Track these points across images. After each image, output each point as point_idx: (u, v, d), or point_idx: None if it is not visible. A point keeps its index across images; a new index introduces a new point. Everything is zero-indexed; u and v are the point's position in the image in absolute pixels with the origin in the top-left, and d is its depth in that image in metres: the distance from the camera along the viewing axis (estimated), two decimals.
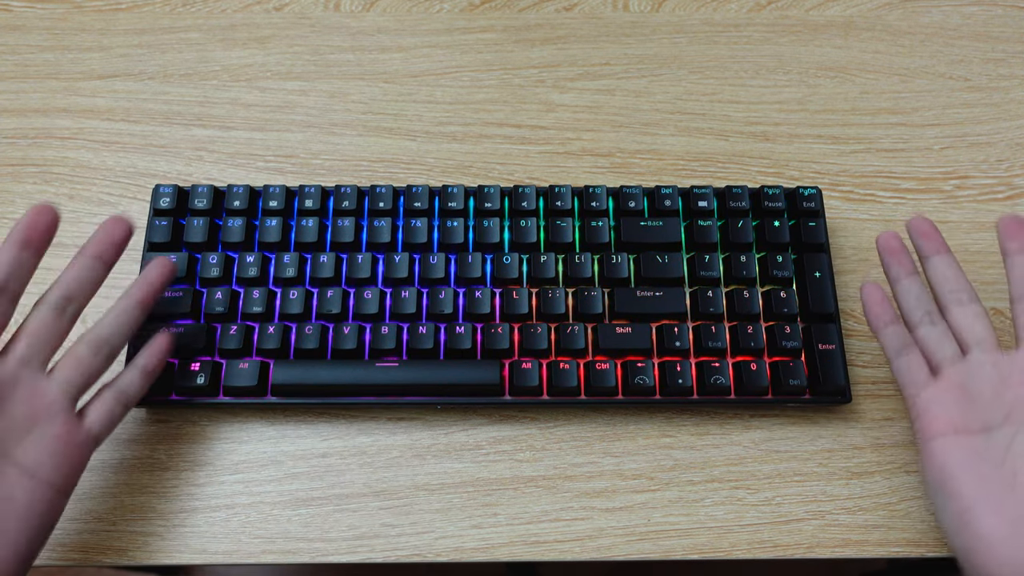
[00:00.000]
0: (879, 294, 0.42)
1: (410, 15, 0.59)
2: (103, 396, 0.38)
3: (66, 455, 0.36)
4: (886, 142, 0.54)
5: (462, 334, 0.44)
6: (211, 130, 0.54)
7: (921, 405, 0.38)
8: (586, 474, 0.44)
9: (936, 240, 0.42)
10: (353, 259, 0.46)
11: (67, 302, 0.37)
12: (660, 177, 0.53)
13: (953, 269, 0.41)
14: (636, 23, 0.59)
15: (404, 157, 0.53)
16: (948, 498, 0.36)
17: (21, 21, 0.57)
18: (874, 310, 0.41)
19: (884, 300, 0.41)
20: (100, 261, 0.39)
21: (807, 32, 0.58)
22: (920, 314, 0.41)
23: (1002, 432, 0.36)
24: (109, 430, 0.38)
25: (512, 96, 0.56)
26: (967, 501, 0.35)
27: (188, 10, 0.58)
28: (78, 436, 0.36)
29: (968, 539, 0.35)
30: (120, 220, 0.40)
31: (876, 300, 0.42)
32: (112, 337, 0.38)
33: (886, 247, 0.42)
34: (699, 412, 0.46)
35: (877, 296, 0.42)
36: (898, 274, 0.42)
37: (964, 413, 0.37)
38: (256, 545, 0.42)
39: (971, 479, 0.35)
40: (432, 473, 0.44)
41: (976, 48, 0.58)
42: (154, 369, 0.41)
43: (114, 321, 0.39)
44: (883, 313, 0.41)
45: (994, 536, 0.34)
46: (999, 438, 0.36)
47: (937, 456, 0.37)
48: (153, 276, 0.41)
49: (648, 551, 0.42)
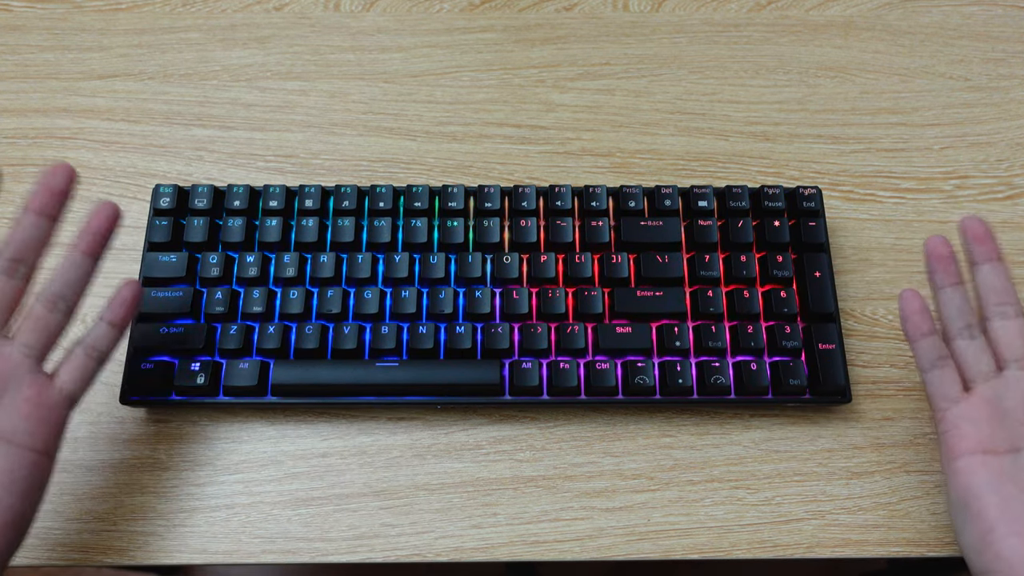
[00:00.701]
0: (919, 303, 0.40)
1: (410, 15, 0.59)
2: (73, 353, 0.37)
3: (40, 417, 0.35)
4: (886, 142, 0.54)
5: (462, 334, 0.44)
6: (211, 130, 0.54)
7: (950, 421, 0.38)
8: (586, 474, 0.44)
9: (989, 246, 0.40)
10: (353, 259, 0.46)
11: (16, 264, 0.36)
12: (660, 177, 0.53)
13: (1003, 279, 0.39)
14: (636, 23, 0.59)
15: (404, 157, 0.53)
16: (971, 518, 0.36)
17: (21, 21, 0.57)
18: (913, 319, 0.39)
19: (924, 309, 0.39)
20: (45, 217, 0.37)
21: (807, 32, 0.58)
22: (960, 326, 0.39)
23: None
24: (83, 387, 0.37)
25: (512, 96, 0.56)
26: (990, 522, 0.35)
27: (188, 10, 0.58)
28: (50, 396, 0.36)
29: (990, 560, 0.35)
30: (58, 169, 0.37)
31: (915, 309, 0.39)
32: (65, 291, 0.37)
33: (934, 253, 0.40)
34: (699, 412, 0.46)
35: (916, 305, 0.40)
36: (943, 282, 0.40)
37: (993, 432, 0.36)
38: (256, 545, 0.42)
39: (995, 500, 0.35)
40: (432, 473, 0.44)
41: (976, 48, 0.58)
42: (123, 320, 0.39)
43: (64, 275, 0.37)
44: (922, 323, 0.39)
45: (1015, 558, 0.34)
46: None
47: (962, 476, 0.36)
48: (97, 223, 0.38)
49: (648, 551, 0.42)
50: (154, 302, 0.45)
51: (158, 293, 0.45)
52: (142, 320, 0.45)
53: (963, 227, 0.40)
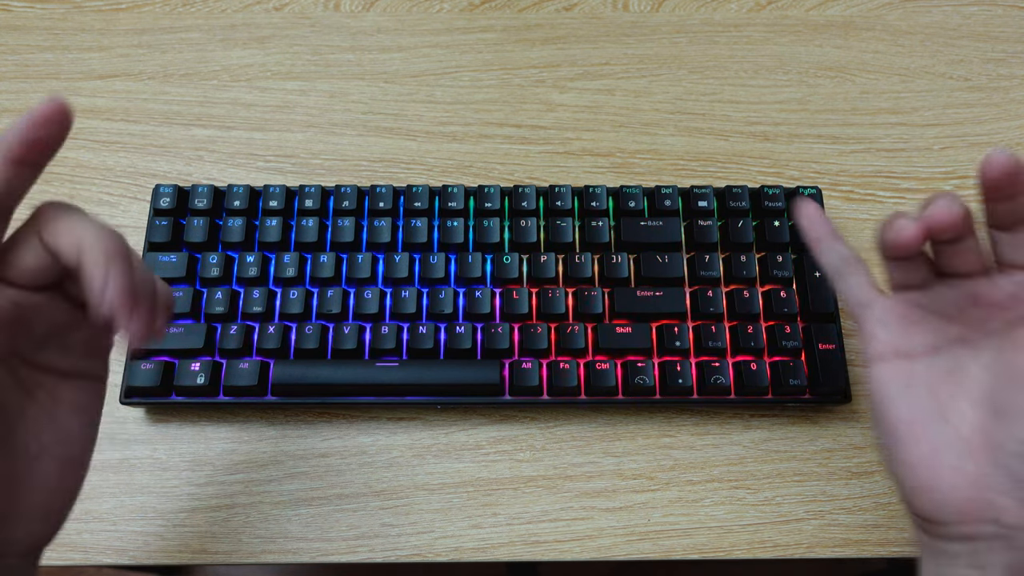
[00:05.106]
0: (812, 208, 0.36)
1: (410, 15, 0.59)
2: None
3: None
4: (886, 142, 0.54)
5: (462, 334, 0.44)
6: (211, 130, 0.54)
7: (867, 329, 0.34)
8: (586, 474, 0.44)
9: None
10: (353, 259, 0.46)
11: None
12: (660, 177, 0.53)
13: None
14: (636, 23, 0.59)
15: (404, 157, 0.53)
16: (882, 429, 0.33)
17: (21, 21, 0.57)
18: (812, 227, 0.36)
19: (821, 216, 0.36)
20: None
21: (807, 32, 0.58)
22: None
23: (950, 354, 0.32)
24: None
25: (512, 96, 0.56)
26: (897, 430, 0.32)
27: (188, 10, 0.58)
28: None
29: (896, 467, 0.32)
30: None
31: (810, 215, 0.36)
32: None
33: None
34: (699, 412, 0.46)
35: (811, 210, 0.36)
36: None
37: (908, 333, 0.33)
38: (256, 545, 0.42)
39: (904, 406, 0.32)
40: (432, 473, 0.44)
41: (976, 48, 0.58)
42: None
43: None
44: (821, 227, 0.36)
45: (919, 465, 0.31)
46: (943, 361, 0.32)
47: (872, 384, 0.33)
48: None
49: (648, 551, 0.42)
50: None
51: None
52: None
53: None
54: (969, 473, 0.30)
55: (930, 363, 0.32)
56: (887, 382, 0.33)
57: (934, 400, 0.32)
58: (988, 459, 0.30)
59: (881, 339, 0.33)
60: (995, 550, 0.29)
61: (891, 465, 0.33)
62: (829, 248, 0.36)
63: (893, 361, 0.33)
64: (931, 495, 0.31)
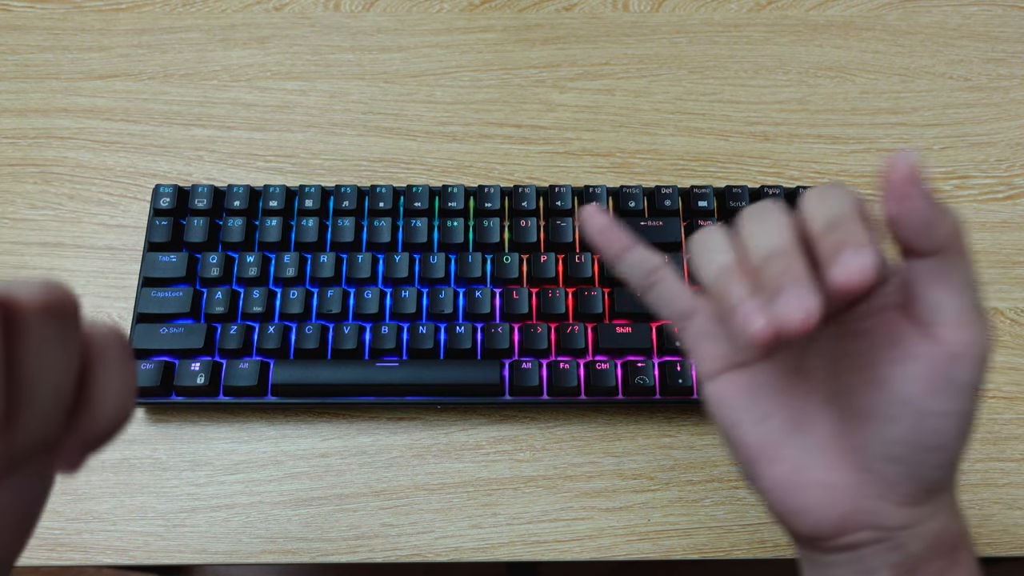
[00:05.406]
0: (600, 219, 0.31)
1: (410, 15, 0.59)
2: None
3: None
4: (886, 142, 0.54)
5: (462, 334, 0.44)
6: (211, 130, 0.54)
7: (690, 342, 0.30)
8: (586, 474, 0.44)
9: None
10: (353, 259, 0.46)
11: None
12: (660, 177, 0.53)
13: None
14: (636, 23, 0.59)
15: (404, 157, 0.53)
16: (735, 454, 0.30)
17: (21, 21, 0.57)
18: (603, 240, 0.31)
19: (610, 225, 0.31)
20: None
21: (807, 32, 0.58)
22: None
23: (788, 350, 0.29)
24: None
25: (512, 96, 0.56)
26: (751, 453, 0.29)
27: (188, 10, 0.58)
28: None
29: (759, 492, 0.29)
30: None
31: (599, 228, 0.31)
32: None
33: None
34: (699, 412, 0.46)
35: (599, 223, 0.31)
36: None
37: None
38: (256, 545, 0.42)
39: (752, 424, 0.29)
40: (432, 473, 0.44)
41: (976, 48, 0.58)
42: None
43: None
44: (616, 240, 0.31)
45: (783, 488, 0.28)
46: (783, 362, 0.29)
47: (712, 404, 0.30)
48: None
49: (648, 551, 0.42)
50: (154, 302, 0.45)
51: (158, 293, 0.45)
52: (142, 320, 0.45)
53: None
54: (839, 485, 0.28)
55: (769, 367, 0.29)
56: (727, 400, 0.29)
57: (783, 409, 0.29)
58: (855, 465, 0.28)
59: (709, 353, 0.30)
60: (879, 552, 0.28)
61: (754, 489, 0.30)
62: (630, 262, 0.31)
63: (729, 375, 0.29)
64: (804, 517, 0.28)
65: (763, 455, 0.29)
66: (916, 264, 0.25)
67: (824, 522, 0.28)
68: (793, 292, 0.24)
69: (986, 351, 0.26)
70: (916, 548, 0.28)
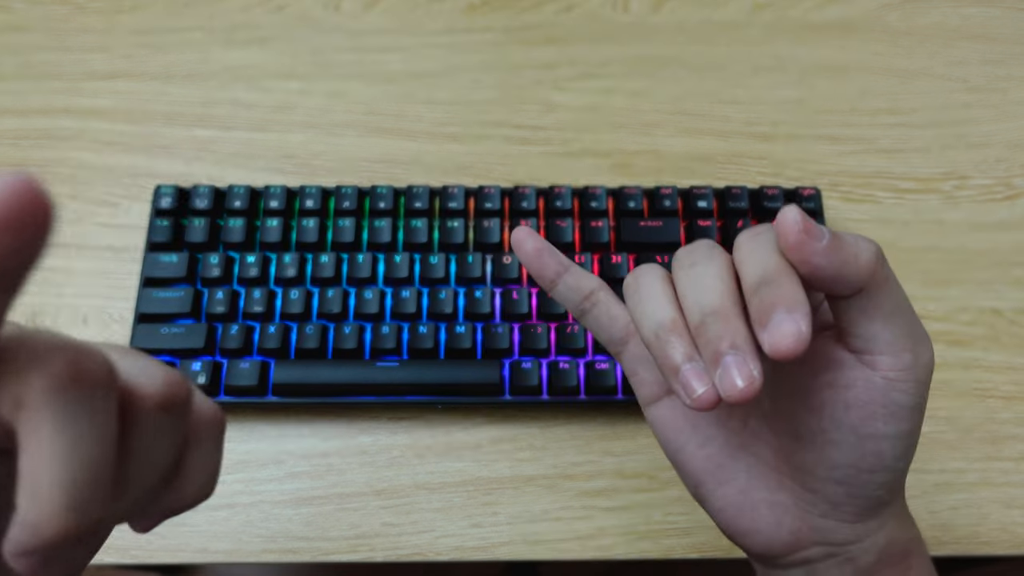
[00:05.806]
0: (532, 243, 0.30)
1: (410, 15, 0.59)
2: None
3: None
4: (885, 142, 0.54)
5: (462, 334, 0.45)
6: (212, 130, 0.54)
7: (629, 368, 0.30)
8: (586, 473, 0.44)
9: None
10: (354, 259, 0.47)
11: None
12: (660, 177, 0.53)
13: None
14: (636, 23, 0.59)
15: (404, 157, 0.53)
16: (683, 477, 0.30)
17: (23, 21, 0.57)
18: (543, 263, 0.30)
19: (543, 247, 0.30)
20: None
21: (807, 32, 0.58)
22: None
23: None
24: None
25: (512, 96, 0.56)
26: (698, 476, 0.29)
27: (190, 11, 0.58)
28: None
29: (710, 513, 0.30)
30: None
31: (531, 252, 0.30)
32: None
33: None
34: None
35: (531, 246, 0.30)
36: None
37: None
38: (257, 544, 0.42)
39: (696, 448, 0.29)
40: (433, 472, 0.44)
41: (975, 49, 0.58)
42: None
43: None
44: (549, 264, 0.30)
45: (732, 509, 0.29)
46: None
47: (656, 429, 0.30)
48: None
49: (648, 550, 0.43)
50: (155, 302, 0.45)
51: (159, 293, 0.45)
52: (143, 320, 0.45)
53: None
54: (785, 505, 0.28)
55: None
56: (669, 425, 0.30)
57: (725, 432, 0.29)
58: (801, 485, 0.28)
59: (647, 379, 0.30)
60: (831, 567, 0.28)
61: (705, 509, 0.30)
62: (564, 285, 0.30)
63: (668, 400, 0.30)
64: (754, 537, 0.29)
65: (709, 477, 0.29)
66: (841, 304, 0.25)
67: (775, 541, 0.28)
68: (734, 360, 0.23)
69: (927, 371, 0.25)
70: (867, 560, 0.28)
